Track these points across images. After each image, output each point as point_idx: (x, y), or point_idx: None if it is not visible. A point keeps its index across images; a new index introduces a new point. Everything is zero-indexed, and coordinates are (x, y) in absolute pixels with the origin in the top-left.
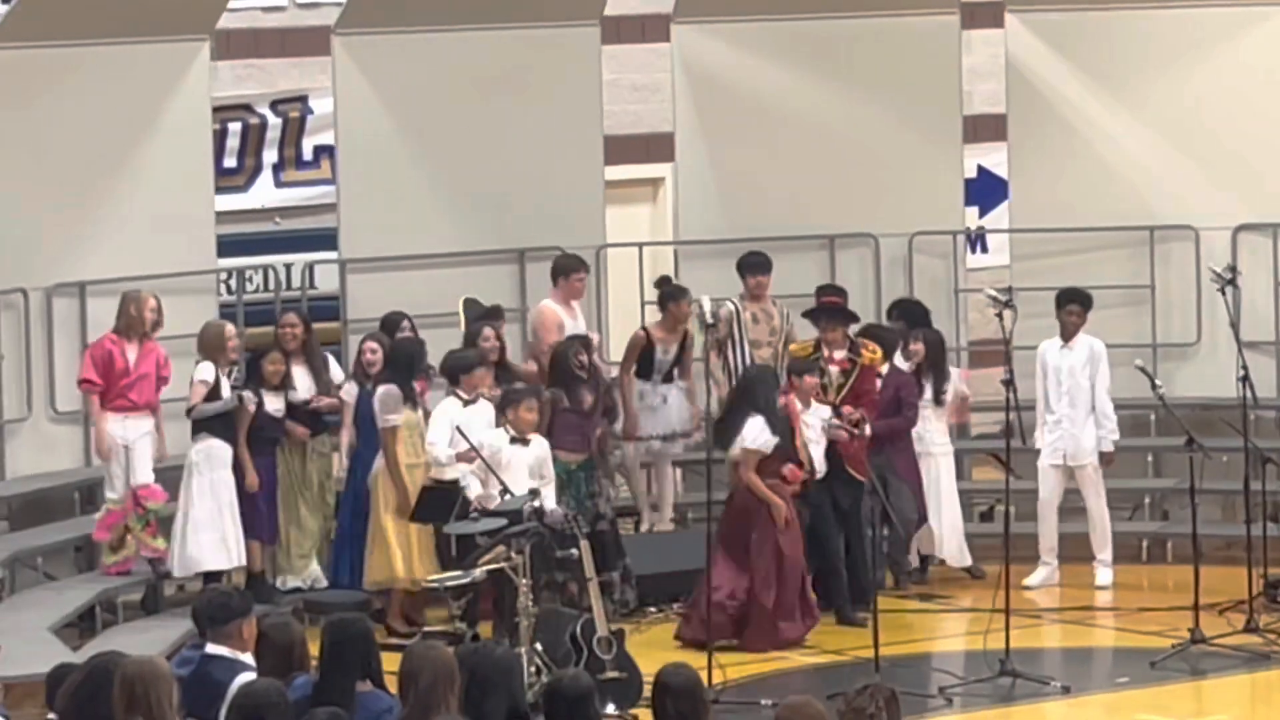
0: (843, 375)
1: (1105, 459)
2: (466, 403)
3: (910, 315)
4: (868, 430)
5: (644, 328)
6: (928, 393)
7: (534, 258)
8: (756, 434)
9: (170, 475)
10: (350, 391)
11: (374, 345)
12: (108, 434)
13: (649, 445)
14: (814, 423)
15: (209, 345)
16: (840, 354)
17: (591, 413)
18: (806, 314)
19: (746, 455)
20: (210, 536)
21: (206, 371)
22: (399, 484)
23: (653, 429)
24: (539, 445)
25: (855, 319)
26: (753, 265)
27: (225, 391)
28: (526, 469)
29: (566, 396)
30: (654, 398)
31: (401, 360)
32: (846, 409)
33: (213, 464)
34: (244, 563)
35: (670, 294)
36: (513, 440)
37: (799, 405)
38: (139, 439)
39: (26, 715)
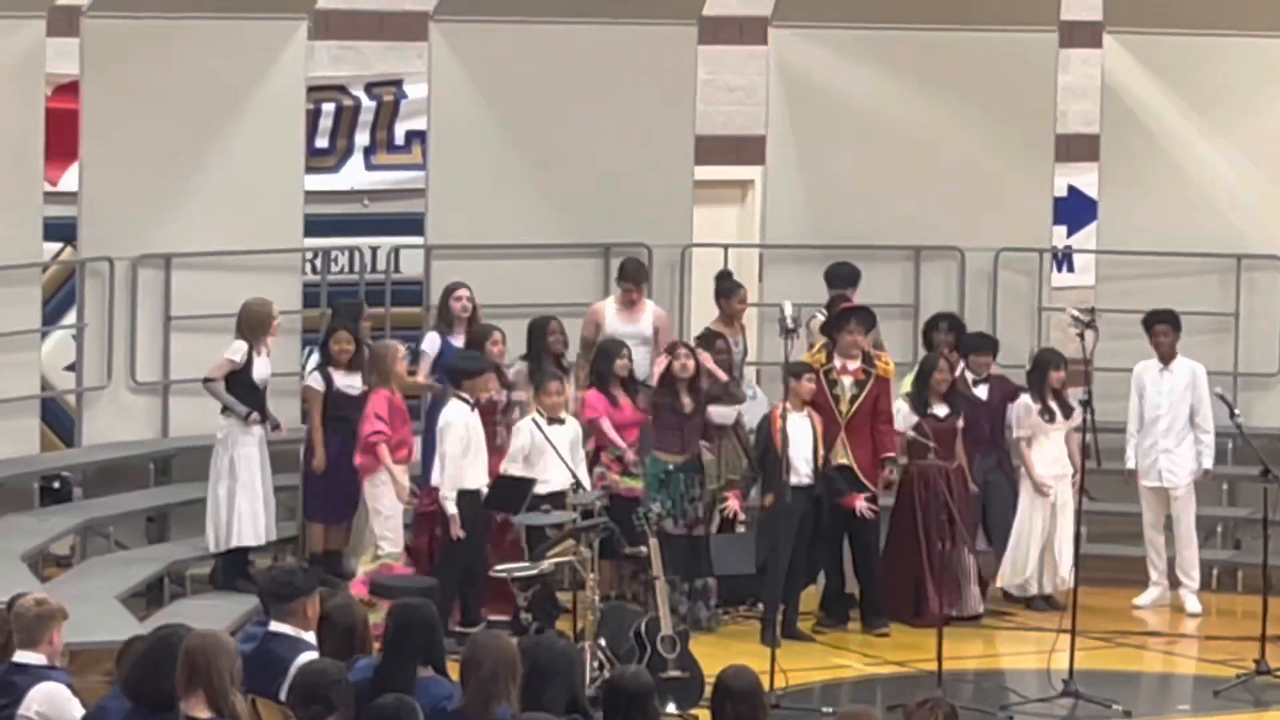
0: (856, 386)
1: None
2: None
3: (965, 338)
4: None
5: (708, 327)
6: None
7: (619, 253)
8: None
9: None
10: (432, 342)
11: (466, 293)
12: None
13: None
14: (797, 429)
15: (255, 325)
16: (854, 364)
17: (691, 415)
18: (826, 324)
19: None
20: (245, 510)
21: (238, 351)
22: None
23: (750, 422)
24: (572, 425)
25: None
26: (834, 278)
27: (256, 373)
28: (567, 447)
29: (664, 397)
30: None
31: (536, 336)
32: (886, 472)
33: (238, 441)
34: (274, 538)
35: (722, 290)
36: (550, 422)
37: (788, 408)
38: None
39: (91, 682)
